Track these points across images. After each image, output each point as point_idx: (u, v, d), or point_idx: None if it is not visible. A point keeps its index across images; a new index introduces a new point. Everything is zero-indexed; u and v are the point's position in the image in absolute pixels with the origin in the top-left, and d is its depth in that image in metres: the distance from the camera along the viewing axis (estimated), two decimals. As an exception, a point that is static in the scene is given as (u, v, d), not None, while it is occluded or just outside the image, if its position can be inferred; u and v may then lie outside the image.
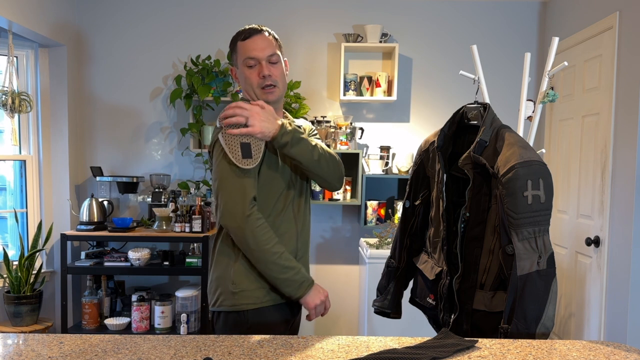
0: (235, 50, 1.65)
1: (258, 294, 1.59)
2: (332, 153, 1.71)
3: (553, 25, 3.56)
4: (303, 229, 1.70)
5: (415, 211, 1.87)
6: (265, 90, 1.61)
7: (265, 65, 1.60)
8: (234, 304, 1.59)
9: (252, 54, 1.60)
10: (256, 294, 1.59)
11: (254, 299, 1.59)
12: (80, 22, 3.67)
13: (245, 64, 1.61)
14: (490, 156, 1.56)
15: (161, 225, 3.40)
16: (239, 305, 1.59)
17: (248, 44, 1.61)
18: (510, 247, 1.46)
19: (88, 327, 3.39)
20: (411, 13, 3.70)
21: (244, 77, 1.63)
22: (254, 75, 1.61)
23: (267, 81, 1.60)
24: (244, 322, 1.59)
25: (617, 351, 1.27)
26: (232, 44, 1.67)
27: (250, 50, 1.60)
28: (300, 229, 1.68)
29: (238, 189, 1.53)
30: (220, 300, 1.62)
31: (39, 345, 1.24)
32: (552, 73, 2.16)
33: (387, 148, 3.63)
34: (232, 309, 1.60)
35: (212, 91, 3.46)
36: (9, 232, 3.55)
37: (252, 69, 1.61)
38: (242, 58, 1.62)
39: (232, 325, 1.61)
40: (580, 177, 3.10)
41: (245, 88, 1.65)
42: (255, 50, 1.60)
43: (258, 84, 1.61)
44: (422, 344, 1.26)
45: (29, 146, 3.50)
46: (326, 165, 1.67)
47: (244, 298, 1.59)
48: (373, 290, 2.11)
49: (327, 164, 1.67)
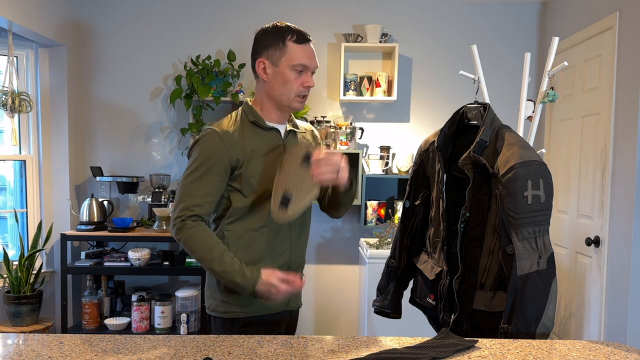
0: (282, 49, 1.55)
1: (249, 303, 1.60)
2: None
3: (553, 25, 3.56)
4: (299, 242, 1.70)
5: (415, 211, 1.87)
6: (300, 99, 1.60)
7: (310, 75, 1.59)
8: (227, 311, 1.62)
9: (306, 62, 1.56)
10: (248, 303, 1.60)
11: (245, 308, 1.60)
12: (80, 22, 3.67)
13: (294, 67, 1.55)
14: (490, 156, 1.56)
15: (161, 225, 3.40)
16: (231, 313, 1.61)
17: (304, 49, 1.56)
18: (510, 247, 1.46)
19: (88, 327, 3.39)
20: (411, 13, 3.70)
21: (285, 80, 1.56)
22: (298, 81, 1.56)
23: (306, 92, 1.60)
24: (238, 328, 1.61)
25: (617, 351, 1.27)
26: (276, 38, 1.55)
27: (305, 57, 1.56)
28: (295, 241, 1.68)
29: (181, 195, 1.55)
30: (214, 306, 1.64)
31: (39, 345, 1.24)
32: (552, 73, 2.16)
33: (387, 148, 3.63)
34: (225, 316, 1.62)
35: (212, 91, 3.46)
36: (9, 232, 3.55)
37: (299, 75, 1.56)
38: (293, 61, 1.55)
39: (226, 328, 1.63)
40: (580, 177, 3.10)
41: (279, 90, 1.58)
42: (309, 59, 1.57)
43: (298, 91, 1.58)
44: (422, 344, 1.26)
45: (29, 146, 3.50)
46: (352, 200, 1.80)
47: (235, 307, 1.60)
48: (373, 290, 2.11)
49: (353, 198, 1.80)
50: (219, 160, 1.54)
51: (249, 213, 1.60)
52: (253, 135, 1.60)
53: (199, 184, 1.53)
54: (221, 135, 1.55)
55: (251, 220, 1.60)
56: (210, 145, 1.55)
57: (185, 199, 1.53)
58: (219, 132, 1.56)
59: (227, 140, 1.55)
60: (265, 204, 1.58)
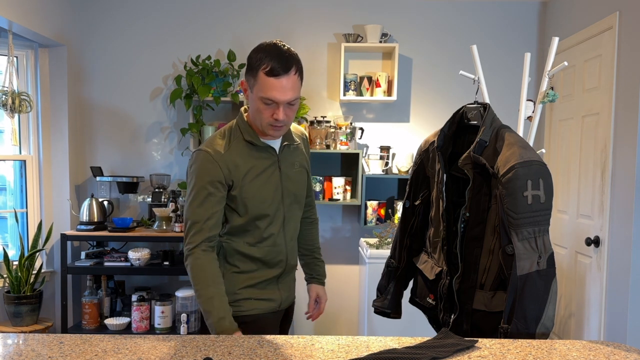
0: (255, 77, 1.50)
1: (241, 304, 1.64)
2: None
3: (553, 25, 3.56)
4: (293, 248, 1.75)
5: (415, 211, 1.87)
6: (273, 128, 1.55)
7: (282, 109, 1.51)
8: None
9: (275, 96, 1.49)
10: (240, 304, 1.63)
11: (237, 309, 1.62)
12: (81, 22, 3.67)
13: (262, 100, 1.50)
14: (490, 156, 1.56)
15: (161, 225, 3.40)
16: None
17: (272, 82, 1.47)
18: (510, 247, 1.46)
19: (88, 327, 3.39)
20: (411, 13, 3.70)
21: (256, 108, 1.53)
22: (267, 112, 1.52)
23: (278, 124, 1.54)
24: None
25: (617, 351, 1.27)
26: (252, 66, 1.51)
27: (272, 91, 1.48)
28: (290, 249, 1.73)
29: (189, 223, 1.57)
30: None
31: (39, 345, 1.24)
32: (552, 73, 2.16)
33: (387, 148, 3.63)
34: None
35: (212, 91, 3.47)
36: (9, 232, 3.55)
37: (268, 107, 1.51)
38: (261, 93, 1.49)
39: None
40: (580, 177, 3.10)
41: (253, 115, 1.57)
42: (277, 93, 1.48)
43: (268, 122, 1.53)
44: (422, 344, 1.26)
45: (29, 146, 3.50)
46: None
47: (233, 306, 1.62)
48: (373, 290, 2.11)
49: None
50: (216, 182, 1.55)
51: (246, 231, 1.63)
52: (248, 155, 1.59)
53: (203, 209, 1.55)
54: (214, 157, 1.55)
55: (248, 236, 1.64)
56: (205, 168, 1.55)
57: (194, 226, 1.55)
58: (212, 154, 1.56)
59: (221, 162, 1.56)
60: (262, 221, 1.62)
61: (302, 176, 1.75)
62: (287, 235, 1.71)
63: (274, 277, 1.69)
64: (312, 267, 1.93)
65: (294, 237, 1.75)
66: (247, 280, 1.65)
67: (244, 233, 1.63)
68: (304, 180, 1.77)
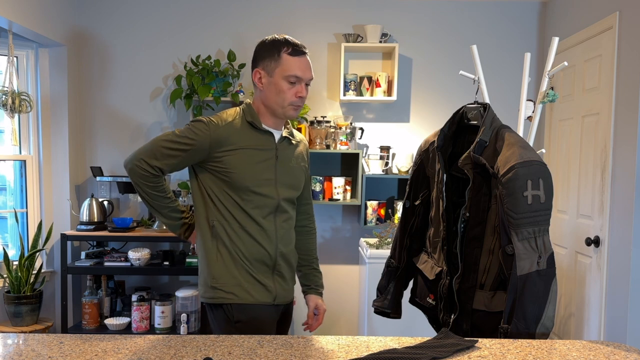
0: (277, 60, 1.63)
1: (235, 290, 1.65)
2: None
3: (553, 25, 3.56)
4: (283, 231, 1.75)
5: (415, 211, 1.87)
6: (293, 108, 1.67)
7: (304, 86, 1.66)
8: (214, 297, 1.66)
9: (299, 73, 1.63)
10: (233, 290, 1.65)
11: (232, 295, 1.65)
12: (80, 22, 3.67)
13: (287, 78, 1.63)
14: (490, 156, 1.56)
15: (161, 225, 3.40)
16: (218, 299, 1.66)
17: (297, 61, 1.63)
18: (510, 247, 1.46)
19: (88, 327, 3.39)
20: (411, 13, 3.70)
21: (279, 90, 1.64)
22: (291, 92, 1.64)
23: (299, 102, 1.67)
24: (229, 317, 1.65)
25: (617, 351, 1.27)
26: (271, 52, 1.64)
27: (298, 69, 1.63)
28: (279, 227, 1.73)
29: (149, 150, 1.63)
30: (202, 292, 1.71)
31: (39, 345, 1.24)
32: (552, 73, 2.16)
33: (387, 148, 3.63)
34: (213, 302, 1.67)
35: (212, 91, 3.46)
36: (9, 232, 3.55)
37: (292, 86, 1.64)
38: (286, 73, 1.63)
39: (220, 319, 1.67)
40: (580, 177, 3.10)
41: (273, 99, 1.66)
42: (302, 70, 1.64)
43: (292, 101, 1.66)
44: (422, 344, 1.26)
45: (29, 146, 3.50)
46: None
47: (222, 292, 1.65)
48: (373, 290, 2.11)
49: None
50: (197, 149, 1.62)
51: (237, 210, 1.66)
52: (246, 133, 1.67)
53: (168, 153, 1.62)
54: (210, 128, 1.63)
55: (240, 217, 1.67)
56: (198, 132, 1.62)
57: (150, 156, 1.62)
58: (212, 124, 1.63)
59: (214, 132, 1.62)
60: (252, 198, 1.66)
61: (299, 173, 1.78)
62: (277, 225, 1.71)
63: (266, 265, 1.70)
64: (310, 278, 1.93)
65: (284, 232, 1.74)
66: (240, 266, 1.66)
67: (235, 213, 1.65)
68: (300, 178, 1.79)
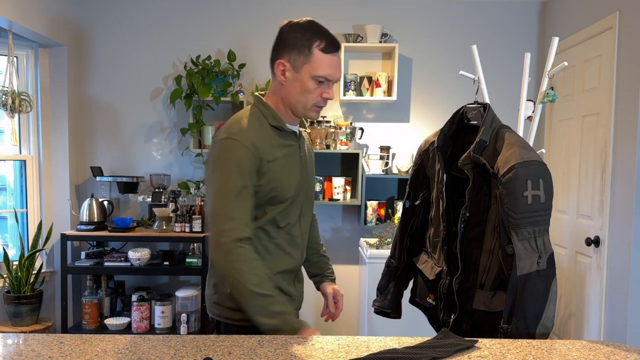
0: (307, 55, 1.42)
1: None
2: None
3: (553, 25, 3.56)
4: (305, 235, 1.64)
5: (415, 211, 1.87)
6: (317, 109, 1.50)
7: (331, 86, 1.48)
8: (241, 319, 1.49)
9: (330, 73, 1.44)
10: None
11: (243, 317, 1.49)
12: (80, 22, 3.67)
13: (315, 78, 1.43)
14: (490, 156, 1.56)
15: (161, 225, 3.40)
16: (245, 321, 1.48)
17: (329, 59, 1.43)
18: (510, 247, 1.46)
19: (88, 327, 3.39)
20: (411, 13, 3.70)
21: (304, 89, 1.45)
22: (317, 92, 1.46)
23: (324, 103, 1.49)
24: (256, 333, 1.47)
25: (617, 351, 1.27)
26: (303, 42, 1.42)
27: (329, 68, 1.44)
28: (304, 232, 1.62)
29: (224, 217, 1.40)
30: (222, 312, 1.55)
31: (39, 345, 1.24)
32: (552, 73, 2.16)
33: (387, 148, 3.63)
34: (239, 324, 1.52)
35: (212, 91, 3.46)
36: (9, 232, 3.55)
37: (319, 86, 1.45)
38: (316, 72, 1.43)
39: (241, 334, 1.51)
40: (580, 177, 3.10)
41: (296, 97, 1.47)
42: (333, 70, 1.45)
43: (316, 102, 1.47)
44: (422, 344, 1.26)
45: (29, 146, 3.50)
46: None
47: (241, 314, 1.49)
48: (373, 290, 2.11)
49: None
50: (250, 173, 1.42)
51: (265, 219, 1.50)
52: (275, 140, 1.49)
53: (238, 203, 1.41)
54: (248, 146, 1.42)
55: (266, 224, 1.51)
56: (237, 156, 1.41)
57: (230, 222, 1.39)
58: (242, 141, 1.42)
59: (253, 148, 1.42)
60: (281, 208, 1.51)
61: (312, 166, 1.67)
62: (303, 228, 1.60)
63: (291, 273, 1.59)
64: (321, 266, 1.79)
65: (306, 234, 1.64)
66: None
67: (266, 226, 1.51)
68: (313, 171, 1.68)
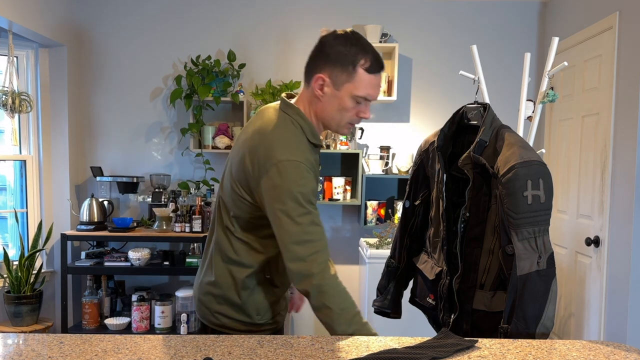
0: (351, 73, 1.36)
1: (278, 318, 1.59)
2: None
3: (553, 25, 3.56)
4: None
5: (415, 211, 1.87)
6: (350, 126, 1.46)
7: (369, 107, 1.43)
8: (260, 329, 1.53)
9: (370, 94, 1.39)
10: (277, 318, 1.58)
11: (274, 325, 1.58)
12: (81, 22, 3.67)
13: (355, 98, 1.38)
14: (490, 156, 1.56)
15: (161, 225, 3.40)
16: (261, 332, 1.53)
17: (372, 80, 1.38)
18: (510, 247, 1.46)
19: (88, 327, 3.39)
20: (411, 13, 3.70)
21: (342, 107, 1.40)
22: (353, 111, 1.41)
23: (359, 121, 1.46)
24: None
25: (617, 351, 1.27)
26: (347, 59, 1.36)
27: (371, 88, 1.39)
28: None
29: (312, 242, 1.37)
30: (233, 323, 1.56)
31: (39, 345, 1.24)
32: (552, 73, 2.16)
33: (387, 148, 3.63)
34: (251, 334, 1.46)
35: (212, 91, 3.47)
36: (9, 232, 3.55)
37: (356, 105, 1.40)
38: (357, 92, 1.37)
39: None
40: (580, 177, 3.10)
41: (331, 114, 1.42)
42: (374, 91, 1.40)
43: (351, 120, 1.43)
44: (422, 344, 1.26)
45: (29, 146, 3.50)
46: None
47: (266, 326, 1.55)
48: (373, 290, 2.11)
49: None
50: (313, 195, 1.41)
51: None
52: (313, 157, 1.44)
53: (317, 227, 1.39)
54: (309, 168, 1.39)
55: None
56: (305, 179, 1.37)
57: (316, 245, 1.37)
58: (307, 165, 1.38)
59: (313, 171, 1.41)
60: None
61: None
62: None
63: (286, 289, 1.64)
64: None
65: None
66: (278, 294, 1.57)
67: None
68: None
